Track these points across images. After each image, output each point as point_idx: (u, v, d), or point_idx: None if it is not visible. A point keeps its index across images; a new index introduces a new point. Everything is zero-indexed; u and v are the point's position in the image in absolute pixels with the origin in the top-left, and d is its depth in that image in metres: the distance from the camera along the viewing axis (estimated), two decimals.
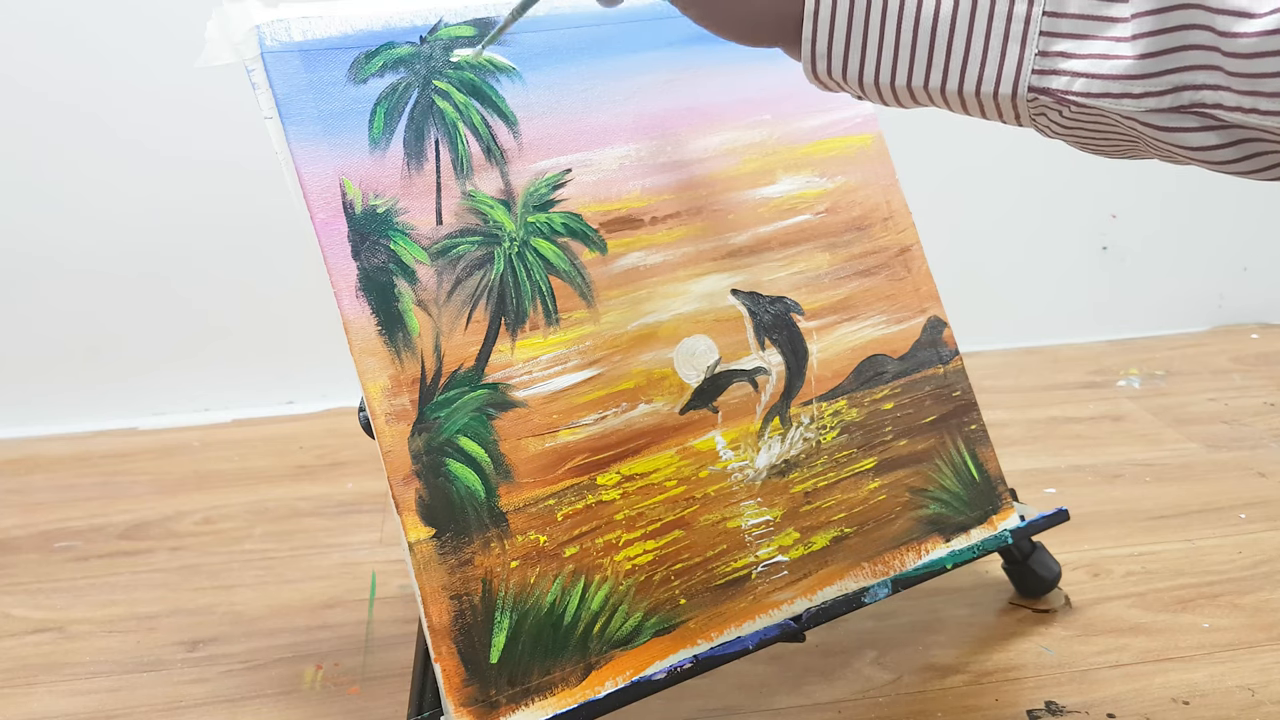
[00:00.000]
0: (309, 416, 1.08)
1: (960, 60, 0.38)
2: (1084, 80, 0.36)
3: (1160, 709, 0.60)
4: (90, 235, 1.03)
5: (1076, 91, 0.37)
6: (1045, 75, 0.37)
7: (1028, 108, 0.38)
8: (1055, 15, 0.37)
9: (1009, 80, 0.38)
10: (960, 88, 0.39)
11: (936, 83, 0.39)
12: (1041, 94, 0.37)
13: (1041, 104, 0.38)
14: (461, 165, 0.54)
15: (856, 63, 0.41)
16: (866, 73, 0.41)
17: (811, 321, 0.62)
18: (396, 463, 0.49)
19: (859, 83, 0.41)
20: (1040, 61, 0.37)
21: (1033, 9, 0.37)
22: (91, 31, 0.97)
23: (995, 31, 0.37)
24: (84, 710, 0.64)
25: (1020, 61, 0.37)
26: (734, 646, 0.55)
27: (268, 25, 0.51)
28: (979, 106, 0.39)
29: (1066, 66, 0.37)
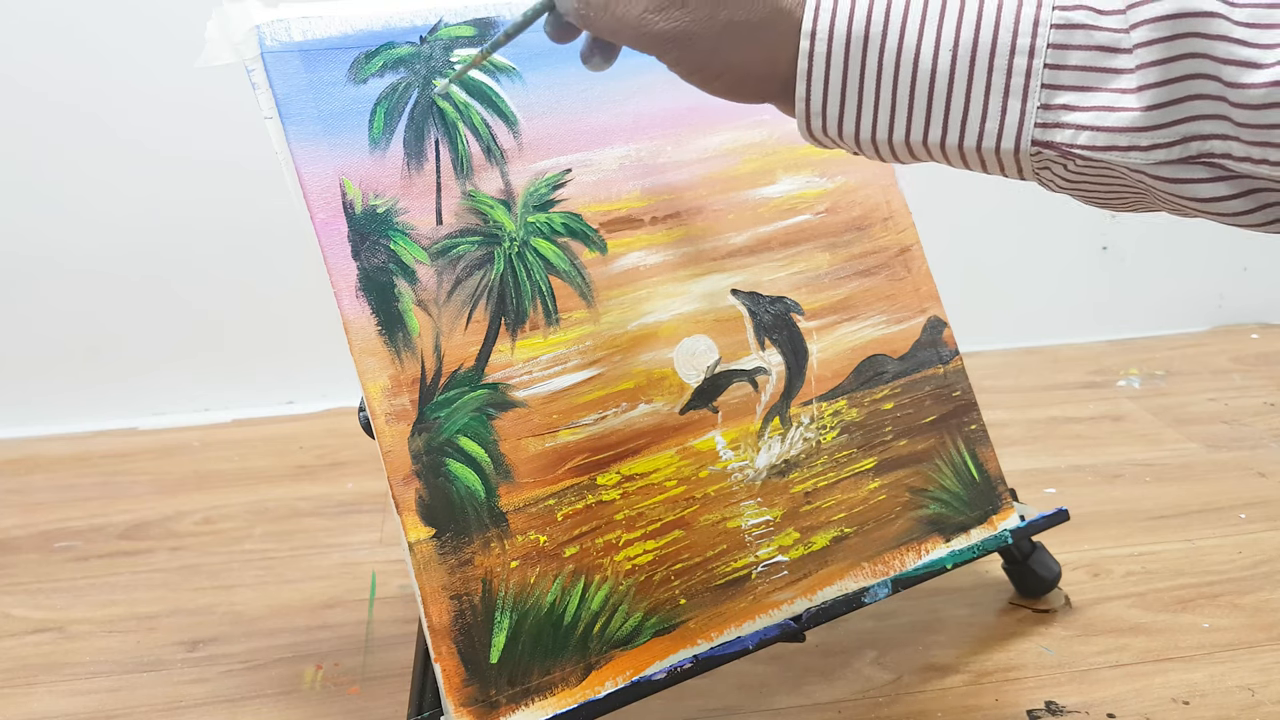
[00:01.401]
0: (309, 416, 1.08)
1: (960, 115, 0.37)
2: (1089, 133, 0.35)
3: (1160, 709, 0.60)
4: (90, 235, 1.03)
5: (1082, 145, 0.36)
6: (1049, 129, 0.36)
7: (1031, 162, 0.37)
8: (1056, 68, 0.36)
9: (1011, 135, 0.37)
10: (960, 143, 0.38)
11: (936, 138, 0.38)
12: (1045, 148, 0.36)
13: (1045, 158, 0.37)
14: (461, 165, 0.54)
15: (853, 119, 0.39)
16: (863, 129, 0.39)
17: (811, 321, 0.62)
18: (396, 463, 0.49)
19: (855, 139, 0.40)
20: (1043, 115, 0.36)
21: (1033, 62, 0.36)
22: (91, 31, 0.97)
23: (995, 86, 0.36)
24: (84, 710, 0.64)
25: (1022, 115, 0.36)
26: (734, 646, 0.55)
27: (268, 25, 0.51)
28: (980, 162, 0.38)
29: (1070, 119, 0.36)
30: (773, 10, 0.39)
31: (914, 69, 0.37)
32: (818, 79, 0.39)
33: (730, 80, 0.42)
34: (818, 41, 0.38)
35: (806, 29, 0.39)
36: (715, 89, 0.42)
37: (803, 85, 0.39)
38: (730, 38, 0.40)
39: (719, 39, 0.40)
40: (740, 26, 0.40)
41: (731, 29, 0.40)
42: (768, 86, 0.41)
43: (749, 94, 0.42)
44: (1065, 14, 0.35)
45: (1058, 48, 0.35)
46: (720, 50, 0.40)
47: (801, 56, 0.39)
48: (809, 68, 0.39)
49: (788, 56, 0.40)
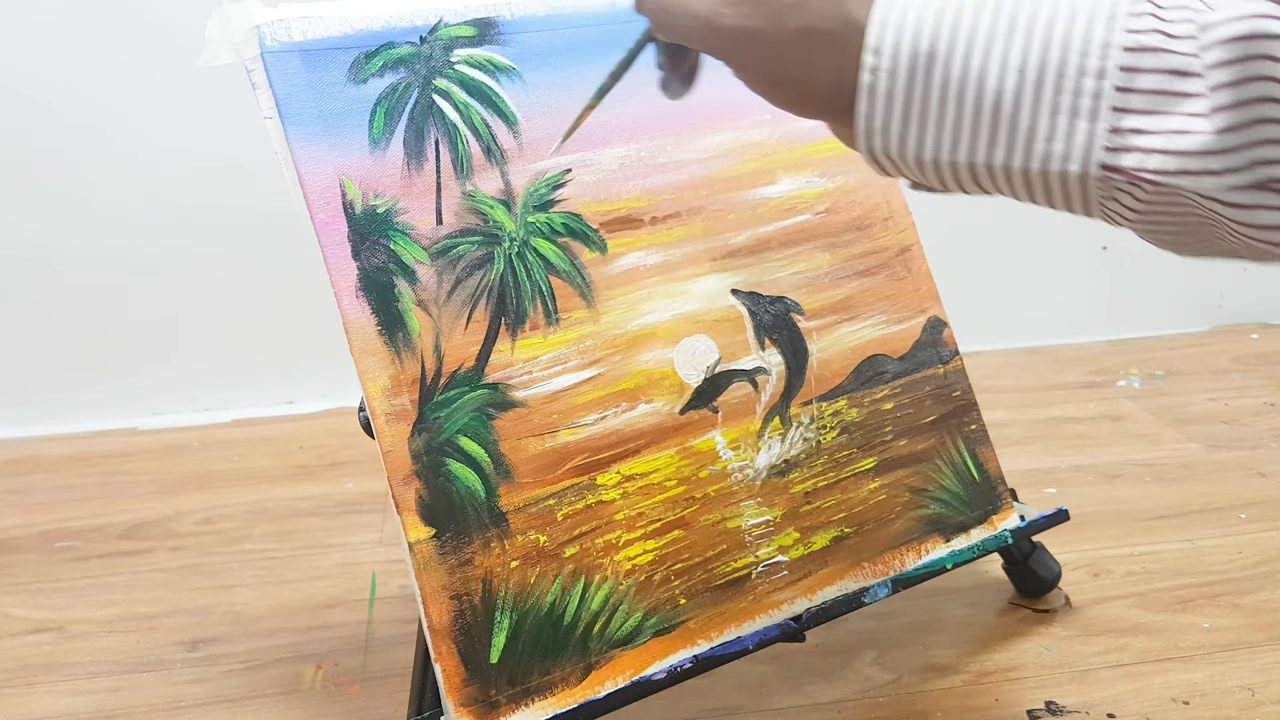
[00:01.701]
0: (309, 416, 1.08)
1: (1026, 136, 0.36)
2: (1159, 157, 0.34)
3: (1160, 709, 0.60)
4: (90, 235, 1.03)
5: (1151, 169, 0.35)
6: (1117, 152, 0.35)
7: (1097, 189, 0.36)
8: (1126, 90, 0.35)
9: (1079, 158, 0.36)
10: (1026, 165, 0.37)
11: (1000, 159, 0.37)
12: (1114, 172, 0.35)
13: (1113, 184, 0.36)
14: (461, 165, 0.54)
15: (914, 139, 0.38)
16: (926, 150, 0.38)
17: (811, 321, 0.62)
18: (396, 463, 0.49)
19: (917, 161, 0.39)
20: (1112, 138, 0.35)
21: (1103, 84, 0.35)
22: (91, 33, 0.97)
23: (1063, 107, 0.35)
24: (84, 710, 0.64)
25: (1091, 138, 0.35)
26: (734, 646, 0.55)
27: (268, 25, 0.51)
28: (1045, 188, 0.37)
29: (1140, 143, 0.35)
30: (846, 22, 0.38)
31: (979, 89, 0.36)
32: (880, 96, 0.38)
33: (796, 90, 0.41)
34: (882, 57, 0.37)
35: (871, 44, 0.38)
36: (780, 98, 0.42)
37: (864, 102, 0.38)
38: (800, 43, 0.39)
39: (788, 43, 0.39)
40: (811, 33, 0.39)
41: (802, 35, 0.39)
42: (833, 102, 0.40)
43: (814, 108, 0.41)
44: (1137, 36, 0.34)
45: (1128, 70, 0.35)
46: (788, 56, 0.40)
47: (864, 71, 0.38)
48: (871, 83, 0.38)
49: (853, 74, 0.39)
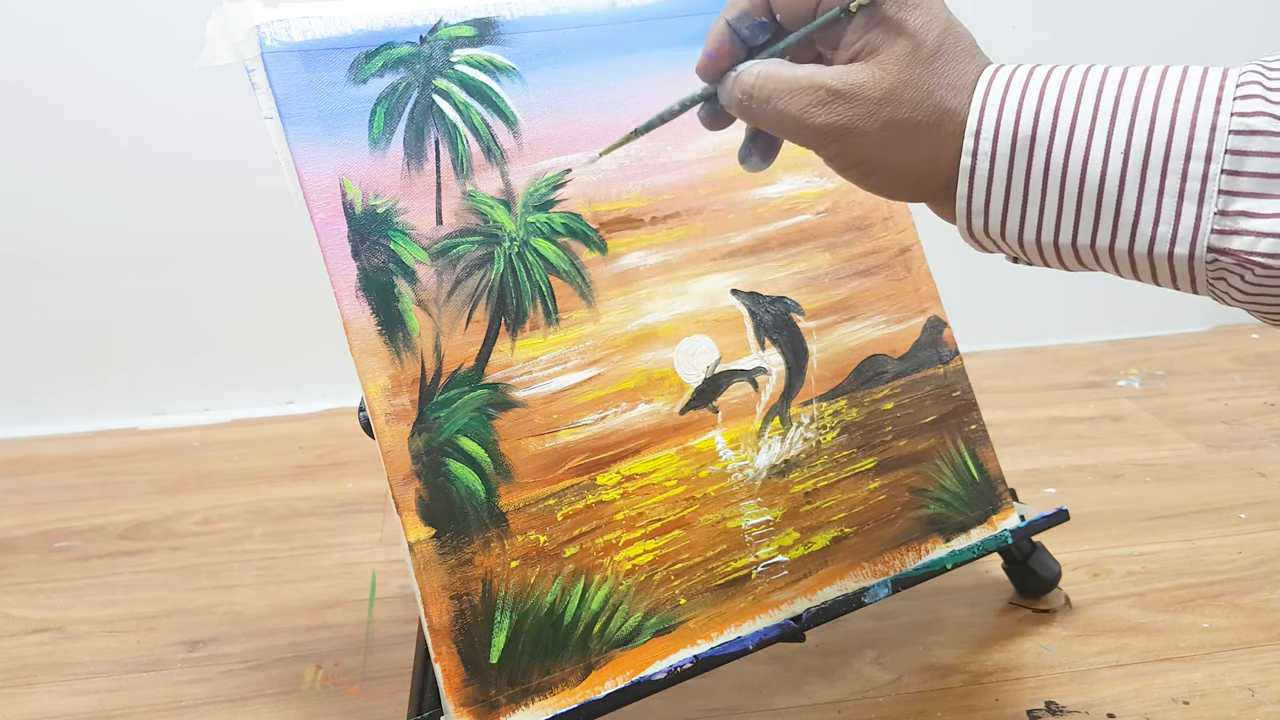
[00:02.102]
0: (309, 416, 1.08)
1: (1131, 219, 0.36)
2: (1270, 240, 0.34)
3: (1160, 709, 0.60)
4: (90, 235, 1.03)
5: (1262, 253, 0.34)
6: (1226, 235, 0.35)
7: (1206, 271, 0.36)
8: (1234, 174, 0.34)
9: (1185, 240, 0.35)
10: (1131, 248, 0.37)
11: (1105, 242, 0.37)
12: (1222, 255, 0.35)
13: (1221, 266, 0.36)
14: (461, 165, 0.54)
15: (1016, 221, 0.39)
16: (1027, 231, 0.39)
17: (811, 321, 0.62)
18: (396, 463, 0.49)
19: (1019, 241, 0.39)
20: (1220, 221, 0.35)
21: (1210, 167, 0.35)
22: (90, 33, 0.97)
23: (1169, 189, 0.35)
24: (84, 710, 0.64)
25: (1198, 221, 0.35)
26: (734, 646, 0.55)
27: (268, 25, 0.51)
28: (1151, 269, 0.37)
29: (1249, 226, 0.34)
30: (938, 111, 0.39)
31: (1083, 172, 0.36)
32: (980, 178, 0.38)
33: (887, 177, 0.41)
34: (982, 140, 0.38)
35: (971, 128, 0.38)
36: (872, 185, 0.42)
37: (965, 184, 0.39)
38: (893, 135, 0.39)
39: (881, 136, 0.39)
40: (904, 125, 0.39)
41: (894, 126, 0.39)
42: (927, 186, 0.41)
43: (906, 192, 0.42)
44: (1245, 120, 0.34)
45: (1236, 154, 0.34)
46: (882, 148, 0.40)
47: (965, 154, 0.38)
48: (973, 165, 0.38)
49: (950, 157, 0.39)
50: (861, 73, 0.40)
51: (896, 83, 0.39)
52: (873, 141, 0.40)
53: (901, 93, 0.39)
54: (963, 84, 0.39)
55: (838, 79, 0.40)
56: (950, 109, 0.39)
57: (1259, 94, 0.35)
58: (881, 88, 0.39)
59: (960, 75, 0.39)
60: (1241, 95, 0.35)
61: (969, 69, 0.39)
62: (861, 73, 0.40)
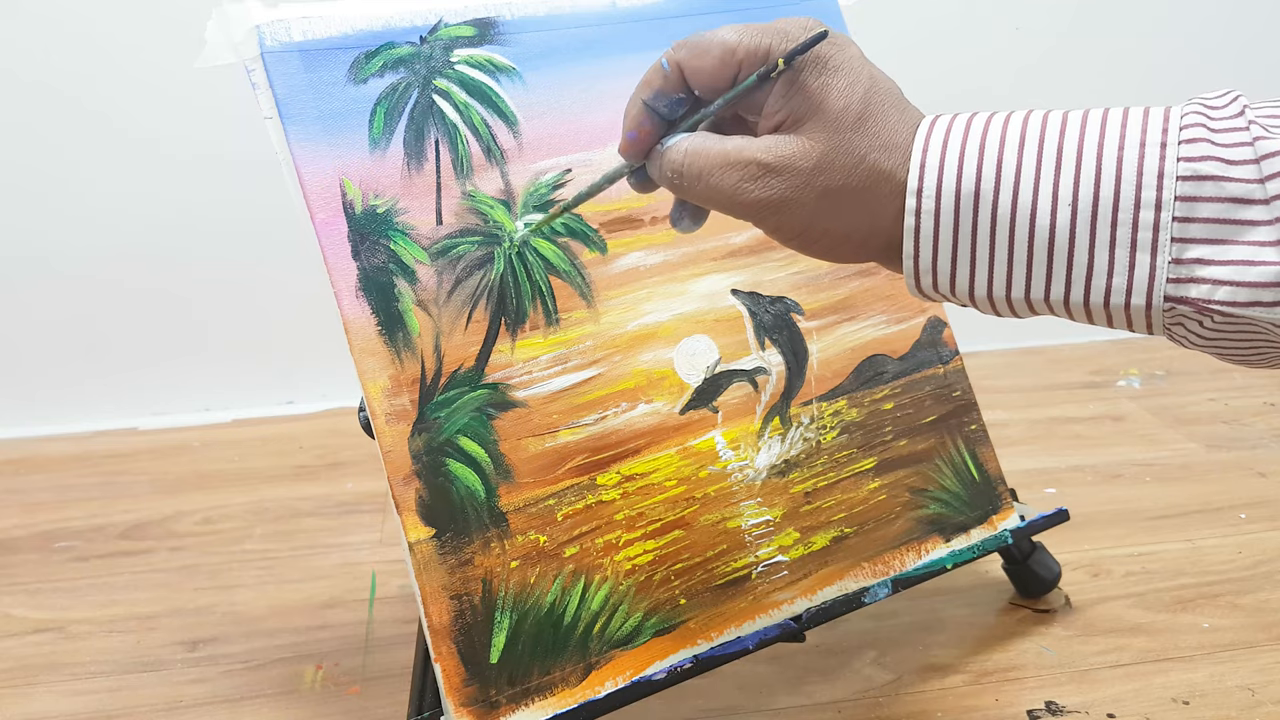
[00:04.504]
0: (309, 416, 1.08)
1: (1084, 271, 0.36)
2: (1228, 288, 0.34)
3: (1160, 709, 0.60)
4: (90, 235, 1.03)
5: (1220, 300, 0.34)
6: (1182, 284, 0.34)
7: (1163, 318, 0.36)
8: (1186, 220, 0.34)
9: (1141, 291, 0.35)
10: (1087, 300, 0.36)
11: (1059, 294, 0.36)
12: (1179, 303, 0.35)
13: (1179, 314, 0.35)
14: (461, 165, 0.54)
15: (965, 276, 0.38)
16: (978, 287, 0.38)
17: (811, 321, 0.62)
18: (396, 463, 0.49)
19: (969, 295, 0.38)
20: (1175, 269, 0.34)
21: (1160, 215, 0.34)
22: (90, 30, 0.97)
23: (1120, 240, 0.35)
24: (84, 710, 0.64)
25: (1152, 271, 0.34)
26: (734, 646, 0.55)
27: (268, 25, 0.51)
28: (1106, 317, 0.37)
29: (1206, 274, 0.34)
30: (873, 174, 0.38)
31: (1031, 225, 0.36)
32: (926, 237, 0.38)
33: (829, 244, 0.41)
34: (924, 199, 0.37)
35: (912, 187, 0.37)
36: (814, 252, 0.41)
37: (910, 243, 0.38)
38: (829, 203, 0.39)
39: (817, 205, 0.39)
40: (839, 193, 0.39)
41: (830, 195, 0.39)
42: (870, 248, 0.40)
43: (850, 255, 0.41)
44: (1191, 165, 0.34)
45: (1186, 200, 0.34)
46: (820, 217, 0.39)
47: (908, 214, 0.38)
48: (916, 225, 0.38)
49: (890, 217, 0.38)
50: (790, 144, 0.39)
51: (826, 150, 0.38)
52: (810, 212, 0.39)
53: (833, 160, 0.38)
54: (895, 143, 0.38)
55: (767, 152, 0.39)
56: (884, 170, 0.38)
57: (1204, 137, 0.34)
58: (811, 158, 0.38)
59: (891, 134, 0.38)
60: (1187, 139, 0.34)
61: (899, 126, 0.38)
62: (790, 144, 0.39)
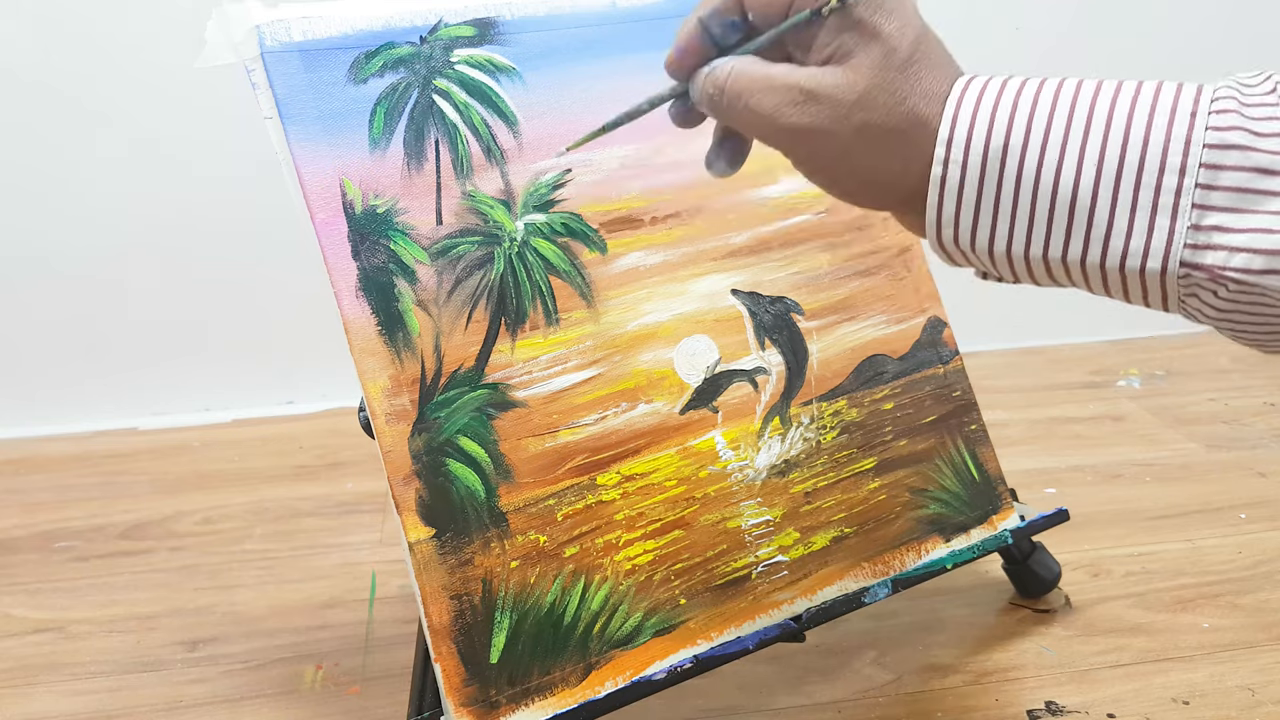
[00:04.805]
0: (309, 416, 1.08)
1: (1103, 232, 0.36)
2: (1244, 255, 0.34)
3: (1160, 709, 0.60)
4: (90, 235, 1.03)
5: (1235, 268, 0.34)
6: (1199, 250, 0.34)
7: (1178, 286, 0.36)
8: (1208, 188, 0.34)
9: (1158, 254, 0.35)
10: (1103, 261, 0.36)
11: (1076, 255, 0.36)
12: (1195, 269, 0.35)
13: (1194, 282, 0.35)
14: (461, 165, 0.54)
15: (986, 232, 0.38)
16: (998, 243, 0.38)
17: (811, 321, 0.62)
18: (396, 463, 0.49)
19: (989, 253, 0.38)
20: (1193, 235, 0.34)
21: (1184, 180, 0.34)
22: (91, 30, 0.97)
23: (1142, 203, 0.35)
24: (84, 710, 0.64)
25: (1171, 235, 0.35)
26: (734, 646, 0.55)
27: (268, 25, 0.51)
28: (1122, 284, 0.37)
29: (1223, 241, 0.34)
30: (911, 118, 0.38)
31: (1055, 183, 0.36)
32: (951, 189, 0.38)
33: (856, 184, 0.41)
34: (954, 150, 0.37)
35: (943, 138, 0.37)
36: (838, 191, 0.41)
37: (935, 194, 0.38)
38: (863, 140, 0.39)
39: (852, 140, 0.39)
40: (875, 130, 0.38)
41: (866, 131, 0.39)
42: (893, 193, 0.40)
43: (873, 199, 0.41)
44: (1220, 134, 0.34)
45: (1211, 167, 0.34)
46: (852, 153, 0.39)
47: (935, 163, 0.38)
48: (943, 175, 0.38)
49: (919, 167, 0.38)
50: (835, 74, 0.39)
51: (870, 87, 0.38)
52: (844, 146, 0.39)
53: (875, 97, 0.38)
54: (936, 92, 0.38)
55: (811, 80, 0.39)
56: (923, 117, 0.38)
57: (1234, 109, 0.34)
58: (855, 91, 0.38)
59: (934, 84, 0.38)
60: (1217, 110, 0.34)
61: (942, 78, 0.39)
62: (835, 74, 0.39)
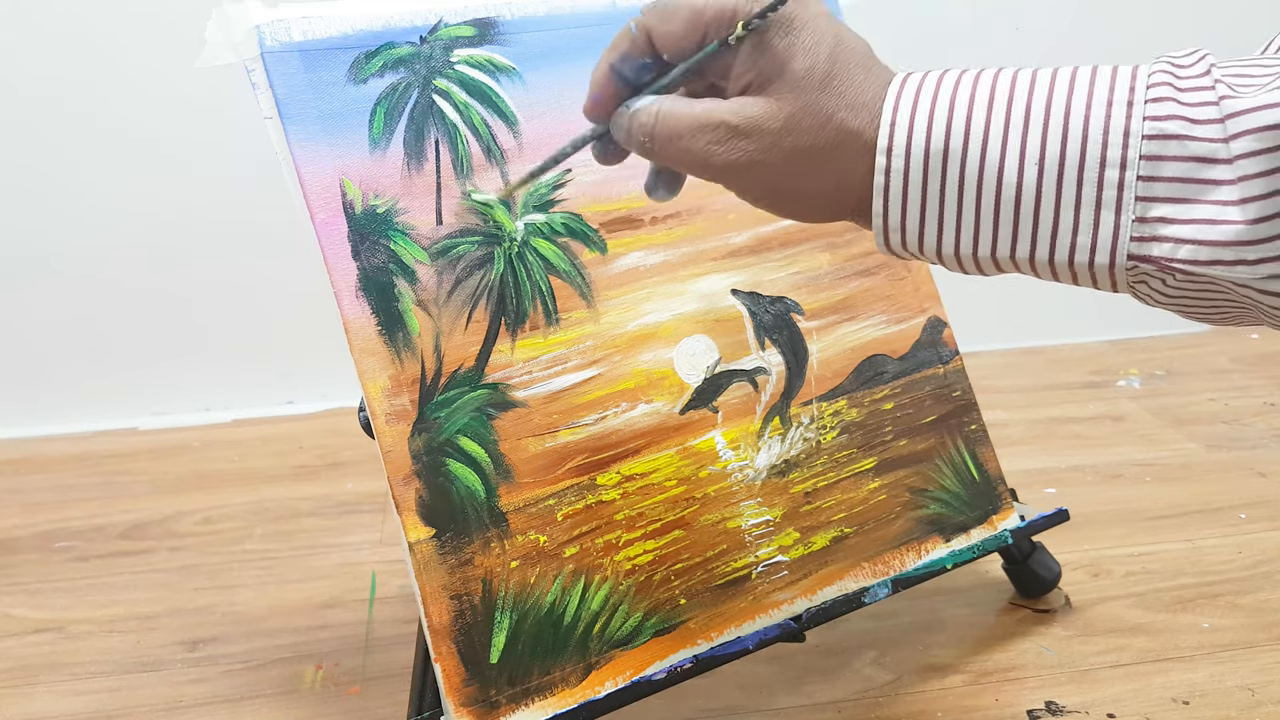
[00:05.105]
0: (309, 416, 1.08)
1: (1049, 229, 0.36)
2: (1190, 247, 0.34)
3: (1160, 709, 0.60)
4: (90, 235, 1.03)
5: (1182, 259, 0.34)
6: (1145, 242, 0.34)
7: (1126, 276, 0.36)
8: (1150, 179, 0.34)
9: (1105, 249, 0.35)
10: (1051, 258, 0.36)
11: (1024, 252, 0.37)
12: (1142, 262, 0.35)
13: (1142, 272, 0.35)
14: (461, 165, 0.54)
15: (934, 235, 0.38)
16: (945, 244, 0.38)
17: (811, 321, 0.62)
18: (396, 463, 0.49)
19: (936, 253, 0.39)
20: (1139, 228, 0.34)
21: (1125, 174, 0.34)
22: (90, 31, 0.97)
23: (1086, 199, 0.35)
24: (84, 710, 0.64)
25: (1116, 229, 0.35)
26: (734, 646, 0.55)
27: (268, 25, 0.51)
28: (1071, 275, 0.37)
29: (1168, 232, 0.34)
30: (841, 133, 0.38)
31: (998, 183, 0.36)
32: (895, 195, 0.38)
33: (800, 204, 0.41)
34: (894, 158, 0.37)
35: (882, 145, 0.37)
36: (785, 212, 0.42)
37: (879, 201, 0.38)
38: (797, 164, 0.39)
39: (785, 166, 0.39)
40: (807, 152, 0.39)
41: (798, 155, 0.39)
42: (840, 206, 0.40)
43: (820, 214, 0.41)
44: (1157, 124, 0.34)
45: (1151, 159, 0.34)
46: (789, 178, 0.39)
47: (877, 172, 0.38)
48: (885, 184, 0.38)
49: (859, 176, 0.39)
50: (757, 105, 0.39)
51: (794, 111, 0.38)
52: (779, 173, 0.39)
53: (800, 121, 0.38)
54: (862, 101, 0.38)
55: (735, 114, 0.39)
56: (852, 129, 0.38)
57: (1170, 95, 0.34)
58: (779, 119, 0.38)
59: (858, 92, 0.38)
60: (1153, 98, 0.34)
61: (867, 84, 0.38)
62: (757, 105, 0.39)
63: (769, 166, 0.39)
